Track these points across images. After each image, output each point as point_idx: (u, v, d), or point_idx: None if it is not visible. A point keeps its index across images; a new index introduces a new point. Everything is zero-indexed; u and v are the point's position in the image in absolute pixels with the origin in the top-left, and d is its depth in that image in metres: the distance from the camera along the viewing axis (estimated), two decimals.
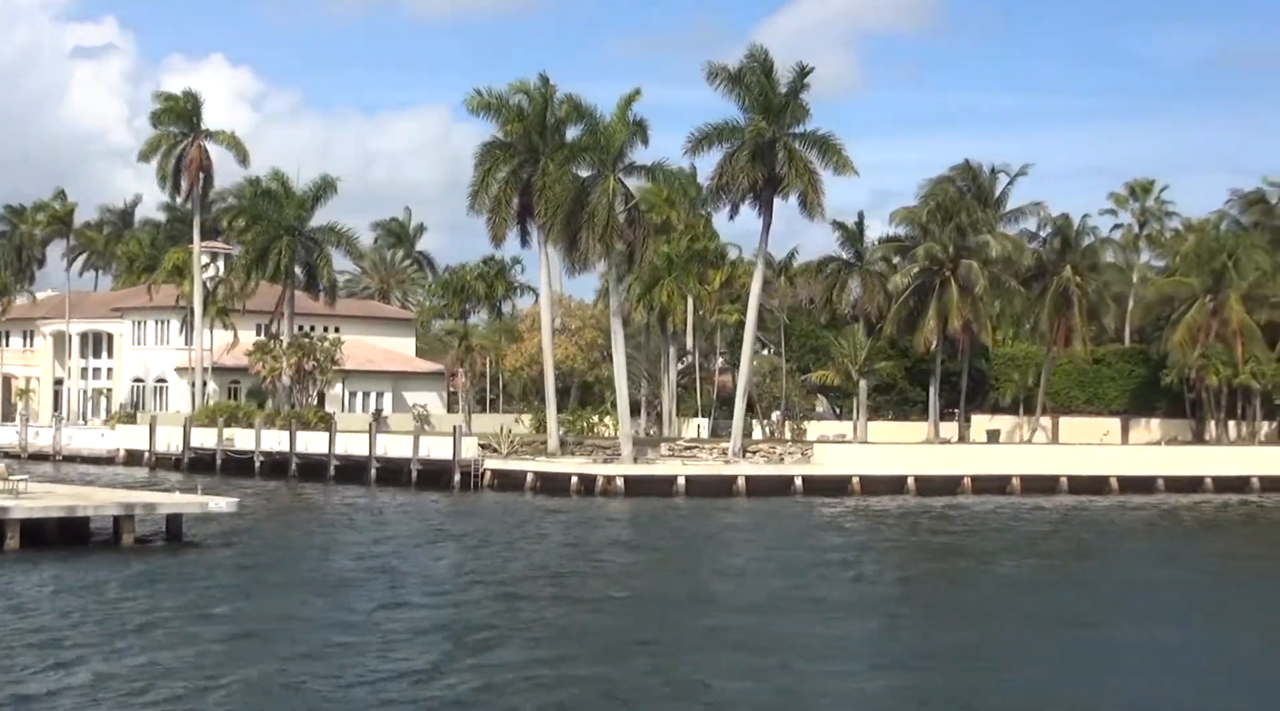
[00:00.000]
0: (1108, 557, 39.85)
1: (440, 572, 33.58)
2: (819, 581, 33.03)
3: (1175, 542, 44.62)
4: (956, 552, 40.48)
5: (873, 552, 39.64)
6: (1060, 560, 38.55)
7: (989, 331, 64.75)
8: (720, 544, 41.80)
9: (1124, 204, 78.63)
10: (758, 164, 56.89)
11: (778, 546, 40.45)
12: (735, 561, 37.21)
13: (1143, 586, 33.50)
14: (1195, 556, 40.46)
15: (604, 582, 31.96)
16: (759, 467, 58.86)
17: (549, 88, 59.19)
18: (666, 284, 75.72)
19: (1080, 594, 31.94)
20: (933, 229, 64.44)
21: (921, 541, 43.34)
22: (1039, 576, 35.20)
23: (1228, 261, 64.91)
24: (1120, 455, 64.29)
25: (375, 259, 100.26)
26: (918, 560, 38.89)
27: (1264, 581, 35.41)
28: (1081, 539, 44.53)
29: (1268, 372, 65.32)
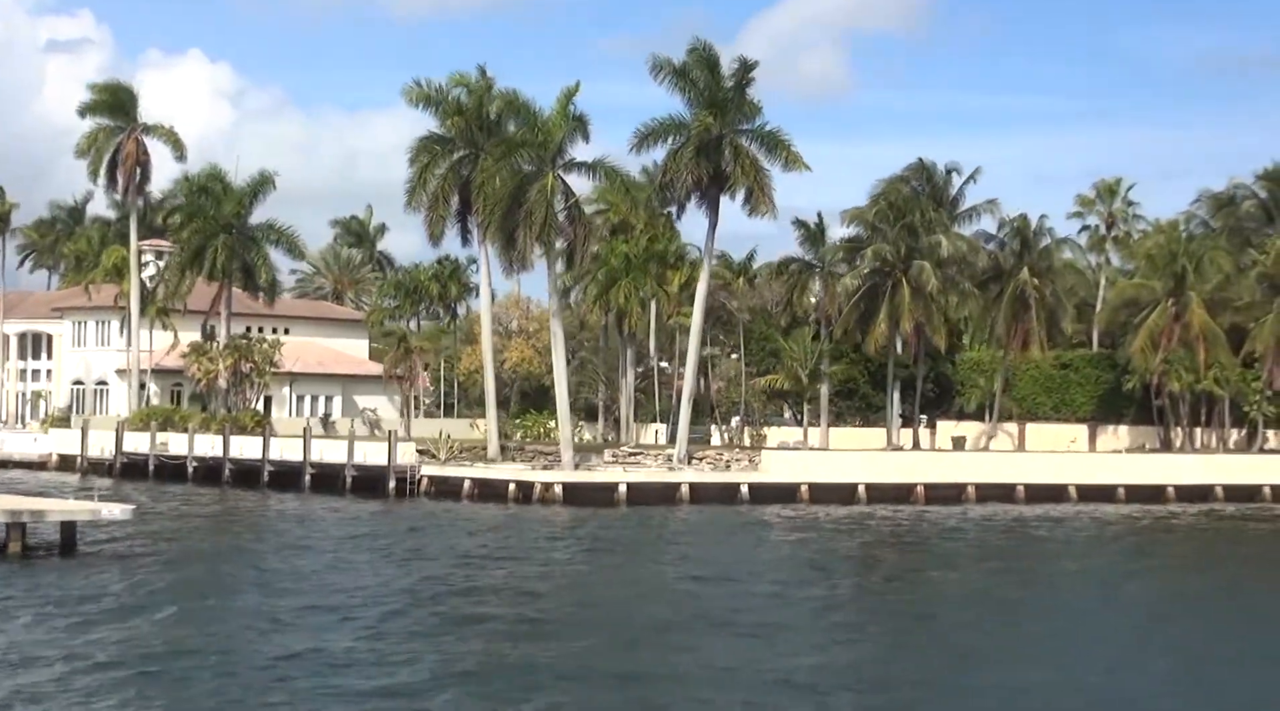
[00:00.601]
0: (1039, 575, 39.08)
1: (325, 586, 32.89)
2: (734, 597, 32.43)
3: (1121, 557, 44.06)
4: (891, 566, 39.89)
5: (801, 565, 39.05)
6: (992, 577, 37.91)
7: (942, 334, 64.17)
8: (647, 555, 41.13)
9: (1090, 205, 78.17)
10: (702, 160, 56.39)
11: (706, 558, 39.82)
12: (652, 574, 36.62)
13: (1064, 612, 32.25)
14: (1136, 576, 39.62)
15: (507, 601, 31.22)
16: (704, 475, 58.33)
17: (488, 80, 58.65)
18: (624, 285, 75.24)
19: (995, 618, 31.18)
20: (884, 229, 63.93)
21: (858, 553, 42.79)
22: (960, 595, 34.51)
23: (1188, 264, 64.41)
24: (1080, 463, 63.84)
25: (330, 258, 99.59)
26: (845, 574, 38.31)
27: (1195, 611, 32.83)
28: (1024, 552, 43.97)
29: (1232, 379, 64.86)
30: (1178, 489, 62.69)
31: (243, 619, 27.71)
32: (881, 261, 63.26)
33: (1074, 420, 76.99)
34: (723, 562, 38.58)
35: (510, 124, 58.97)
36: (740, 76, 57.18)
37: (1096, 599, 34.44)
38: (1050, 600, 34.02)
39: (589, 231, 57.12)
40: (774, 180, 57.63)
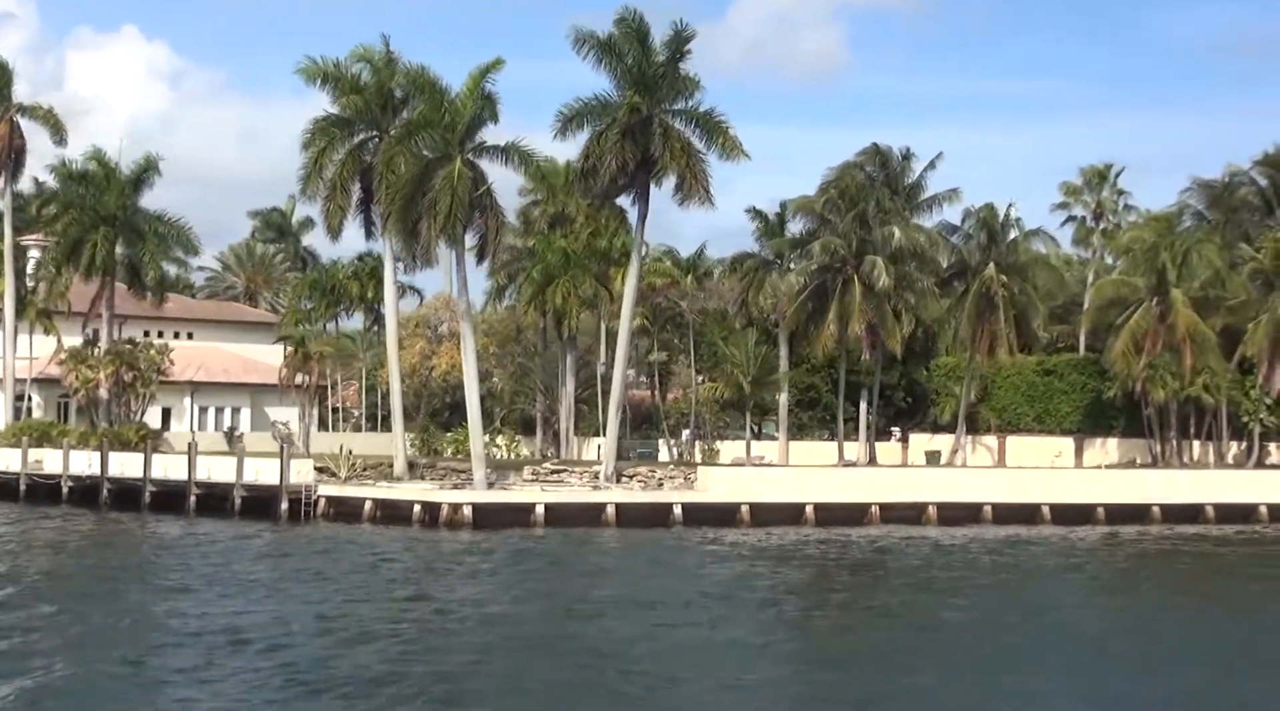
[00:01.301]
0: (986, 614, 36.66)
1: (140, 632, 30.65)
2: (608, 639, 30.38)
3: (1083, 592, 41.74)
4: (815, 600, 37.78)
5: (712, 599, 36.87)
6: (929, 612, 35.76)
7: (897, 337, 62.11)
8: (537, 588, 38.95)
9: (1077, 194, 76.18)
10: (628, 144, 54.35)
11: (598, 592, 37.67)
12: (530, 611, 34.46)
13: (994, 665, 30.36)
14: (1091, 617, 37.35)
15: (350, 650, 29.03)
16: (633, 494, 56.27)
17: (391, 55, 56.55)
18: (562, 284, 73.29)
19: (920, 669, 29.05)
20: (834, 220, 61.85)
21: (786, 585, 40.53)
22: (890, 638, 32.24)
23: (1171, 259, 62.45)
24: (1054, 481, 61.88)
25: (243, 255, 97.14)
26: (761, 611, 36.02)
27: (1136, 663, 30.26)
28: (969, 584, 41.69)
29: (1223, 386, 62.96)
30: (1164, 508, 60.78)
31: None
32: (831, 256, 61.23)
33: (1059, 432, 75.10)
34: (615, 598, 36.40)
35: (421, 104, 56.78)
36: (674, 50, 55.11)
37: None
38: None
39: (501, 223, 54.97)
40: (710, 166, 55.62)
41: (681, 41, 54.92)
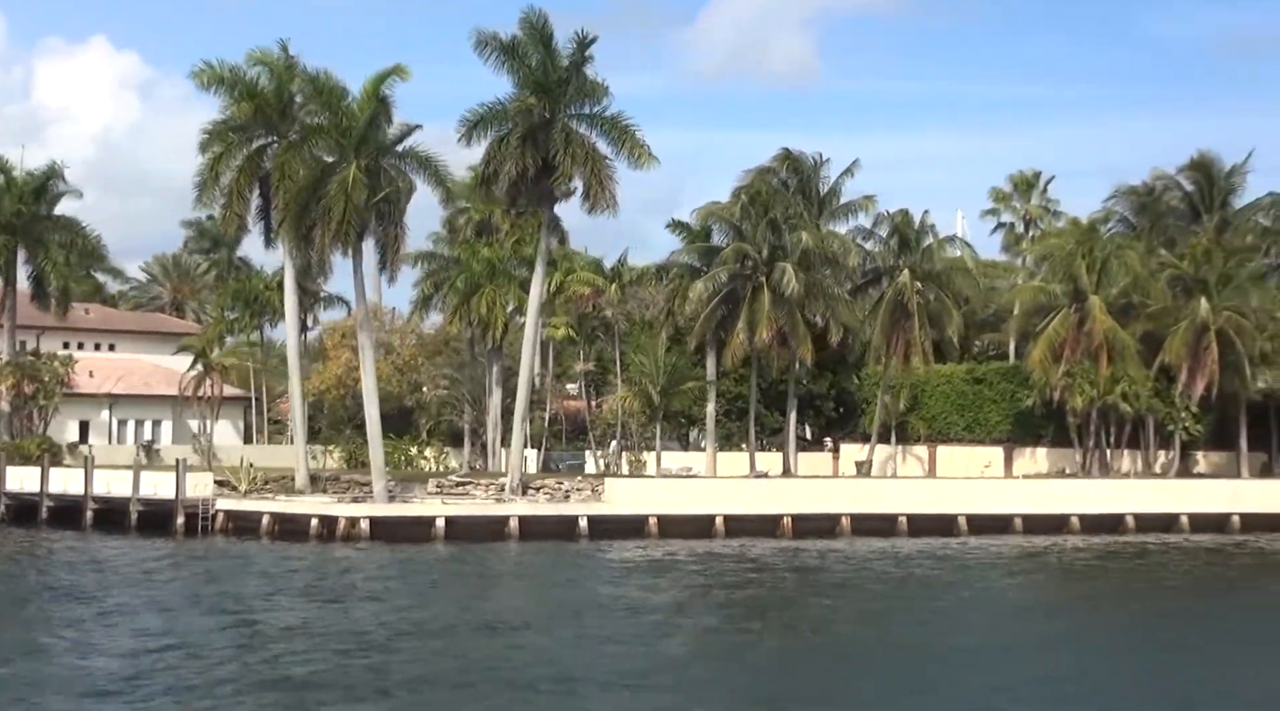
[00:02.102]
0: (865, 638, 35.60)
1: None
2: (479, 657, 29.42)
3: (976, 612, 40.61)
4: (702, 616, 36.67)
5: (598, 614, 35.82)
6: (822, 630, 34.79)
7: (807, 345, 61.15)
8: (417, 603, 37.82)
9: (1006, 201, 75.42)
10: (530, 148, 53.42)
11: (486, 606, 36.61)
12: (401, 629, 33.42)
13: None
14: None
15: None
16: (537, 507, 55.28)
17: (290, 59, 55.52)
18: (486, 293, 72.36)
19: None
20: (745, 227, 60.90)
21: (677, 599, 39.31)
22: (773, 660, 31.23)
23: (1085, 266, 61.64)
24: (971, 491, 61.06)
25: (169, 265, 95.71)
26: (647, 626, 34.93)
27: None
28: (865, 599, 40.69)
29: (1142, 394, 62.19)
30: (1083, 519, 60.05)
31: None
32: (741, 262, 60.31)
33: (989, 441, 74.30)
34: (502, 613, 35.46)
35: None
36: (577, 54, 54.23)
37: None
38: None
39: (402, 230, 53.99)
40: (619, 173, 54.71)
41: (584, 45, 54.06)
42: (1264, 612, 39.96)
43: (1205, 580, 47.34)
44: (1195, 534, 60.07)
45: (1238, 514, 61.64)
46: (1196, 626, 36.34)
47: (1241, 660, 31.08)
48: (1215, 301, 61.99)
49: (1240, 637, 34.60)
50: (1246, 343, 61.27)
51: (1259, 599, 43.14)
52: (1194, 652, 32.18)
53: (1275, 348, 62.60)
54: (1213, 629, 36.19)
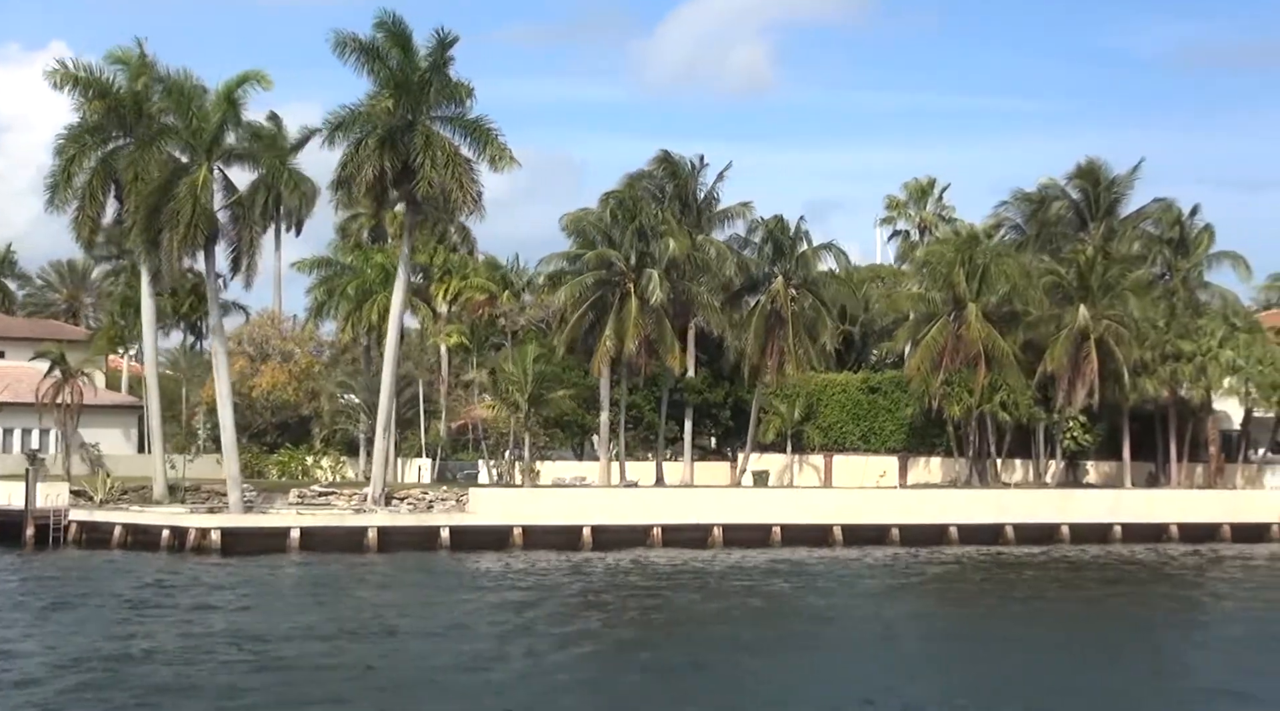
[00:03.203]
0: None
1: None
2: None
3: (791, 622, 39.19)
4: (534, 631, 35.06)
5: (381, 636, 34.39)
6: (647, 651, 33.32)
7: (675, 353, 59.86)
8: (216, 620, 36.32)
9: (901, 209, 74.39)
10: (388, 151, 52.04)
11: (268, 627, 35.06)
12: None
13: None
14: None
15: None
16: (397, 518, 53.78)
17: (145, 59, 53.97)
18: (379, 299, 70.94)
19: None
20: (614, 234, 59.58)
21: (520, 616, 37.70)
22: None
23: (963, 274, 60.56)
24: (848, 501, 59.92)
25: (64, 271, 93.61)
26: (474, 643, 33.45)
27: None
28: (710, 616, 39.07)
29: (1021, 403, 61.17)
30: (962, 529, 58.97)
31: None
32: (608, 269, 59.04)
33: (884, 451, 73.27)
34: (280, 631, 33.85)
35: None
36: (437, 55, 52.90)
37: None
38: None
39: (256, 234, 52.44)
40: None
41: (444, 46, 52.77)
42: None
43: (1049, 592, 46.00)
44: (1076, 545, 59.24)
45: (1119, 524, 60.80)
46: (1014, 642, 35.14)
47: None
48: (1095, 310, 61.07)
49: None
50: (1125, 351, 60.36)
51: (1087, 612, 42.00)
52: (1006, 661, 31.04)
53: (1156, 357, 61.71)
54: (1029, 644, 34.97)
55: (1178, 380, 61.62)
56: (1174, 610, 41.73)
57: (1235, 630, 37.45)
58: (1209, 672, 30.98)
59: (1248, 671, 30.53)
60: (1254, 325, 64.68)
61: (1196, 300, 64.91)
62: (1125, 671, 30.73)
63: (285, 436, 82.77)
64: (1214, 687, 28.88)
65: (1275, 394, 62.04)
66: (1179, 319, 62.69)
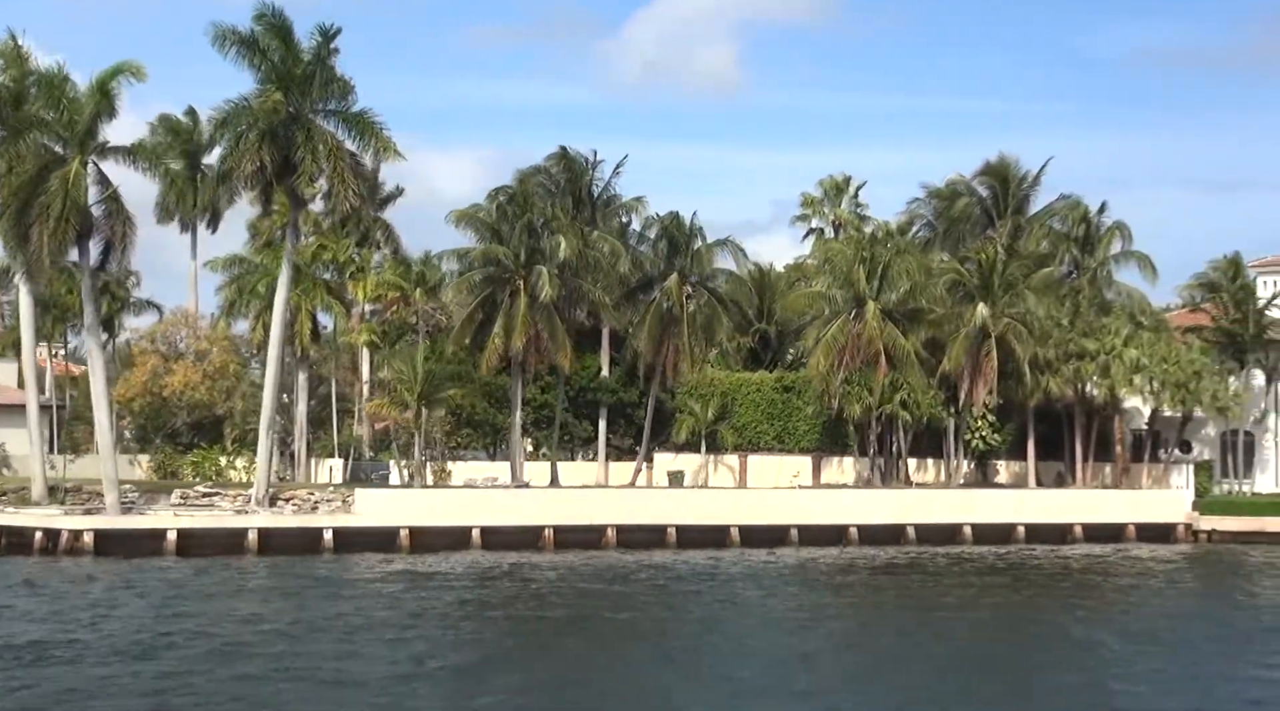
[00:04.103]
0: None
1: None
2: None
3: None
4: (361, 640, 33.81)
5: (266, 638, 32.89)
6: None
7: (566, 351, 58.58)
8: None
9: (816, 206, 73.29)
10: (270, 146, 50.68)
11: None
12: None
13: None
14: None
15: None
16: (279, 519, 52.41)
17: (21, 51, 52.49)
18: (291, 298, 69.51)
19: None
20: (503, 230, 58.29)
21: (375, 622, 36.30)
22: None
23: (861, 271, 59.50)
24: (745, 502, 58.87)
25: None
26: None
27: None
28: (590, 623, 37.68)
29: (923, 402, 60.13)
30: (862, 530, 58.03)
31: None
32: (497, 266, 57.76)
33: (798, 451, 72.19)
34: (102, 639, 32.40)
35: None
36: (321, 48, 51.59)
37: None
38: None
39: (130, 229, 50.93)
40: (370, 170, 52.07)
41: (327, 39, 51.45)
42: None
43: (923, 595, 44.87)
44: (979, 546, 58.31)
45: (1022, 525, 59.94)
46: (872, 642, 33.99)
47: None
48: (996, 308, 60.12)
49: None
50: (1024, 349, 59.44)
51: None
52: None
53: (1060, 355, 60.79)
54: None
55: (1081, 379, 60.72)
56: (1029, 611, 40.58)
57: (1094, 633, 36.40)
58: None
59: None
60: (1160, 324, 63.89)
61: (1103, 298, 63.96)
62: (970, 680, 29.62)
63: (201, 436, 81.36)
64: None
65: (1180, 393, 61.23)
66: (1083, 317, 61.79)
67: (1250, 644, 34.11)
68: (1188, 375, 60.92)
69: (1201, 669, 30.06)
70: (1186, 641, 34.21)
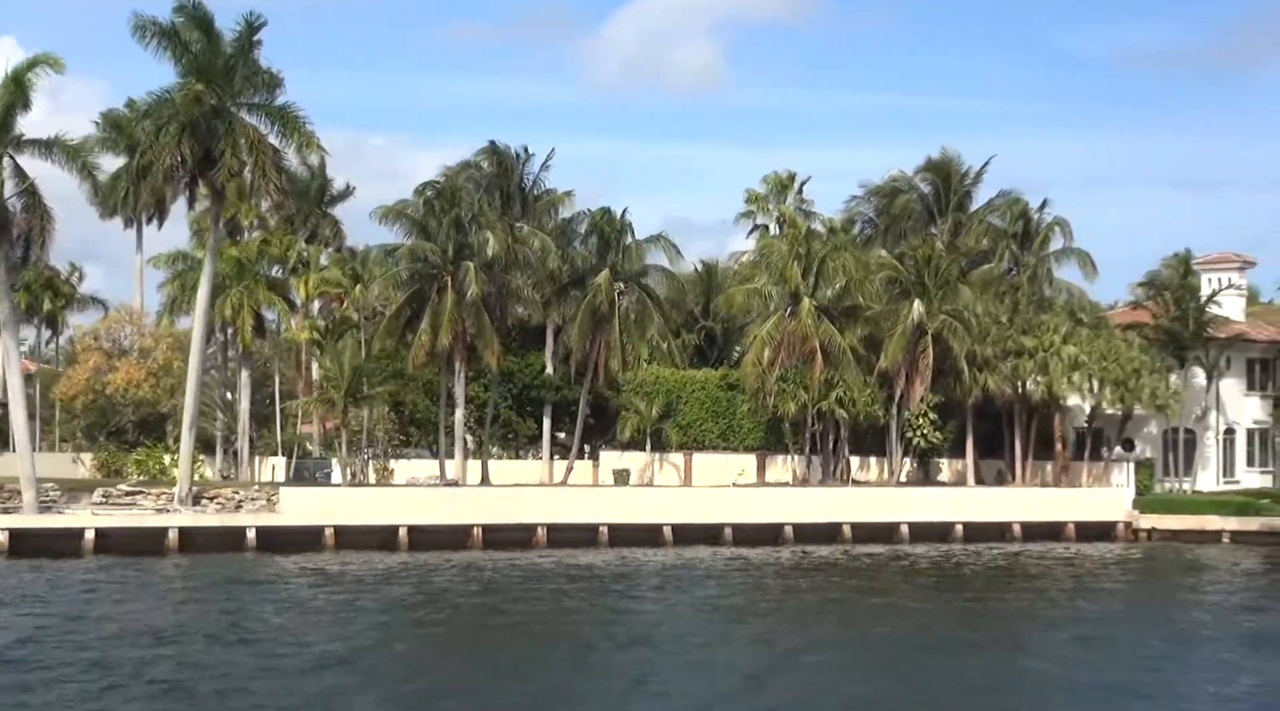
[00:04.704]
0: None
1: None
2: None
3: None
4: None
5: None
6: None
7: (494, 349, 57.62)
8: None
9: (761, 203, 72.45)
10: (190, 139, 49.71)
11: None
12: None
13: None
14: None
15: None
16: (202, 518, 51.42)
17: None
18: (232, 295, 68.65)
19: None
20: (431, 226, 57.32)
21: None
22: None
23: (796, 268, 58.65)
24: (679, 500, 58.04)
25: None
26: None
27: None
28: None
29: (859, 400, 59.35)
30: (798, 528, 57.25)
31: None
32: (424, 263, 56.81)
33: (743, 449, 71.39)
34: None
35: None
36: (244, 40, 50.63)
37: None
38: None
39: (48, 222, 49.88)
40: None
41: (251, 31, 50.48)
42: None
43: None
44: (916, 544, 57.57)
45: (960, 523, 59.22)
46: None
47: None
48: (932, 305, 59.36)
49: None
50: (960, 346, 58.69)
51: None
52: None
53: (998, 352, 60.05)
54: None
55: (1019, 376, 59.97)
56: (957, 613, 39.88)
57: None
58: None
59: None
60: (1100, 321, 63.20)
61: (1043, 295, 63.23)
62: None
63: (147, 434, 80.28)
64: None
65: (1119, 390, 60.55)
66: (1022, 314, 61.07)
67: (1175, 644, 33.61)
68: (1127, 373, 60.25)
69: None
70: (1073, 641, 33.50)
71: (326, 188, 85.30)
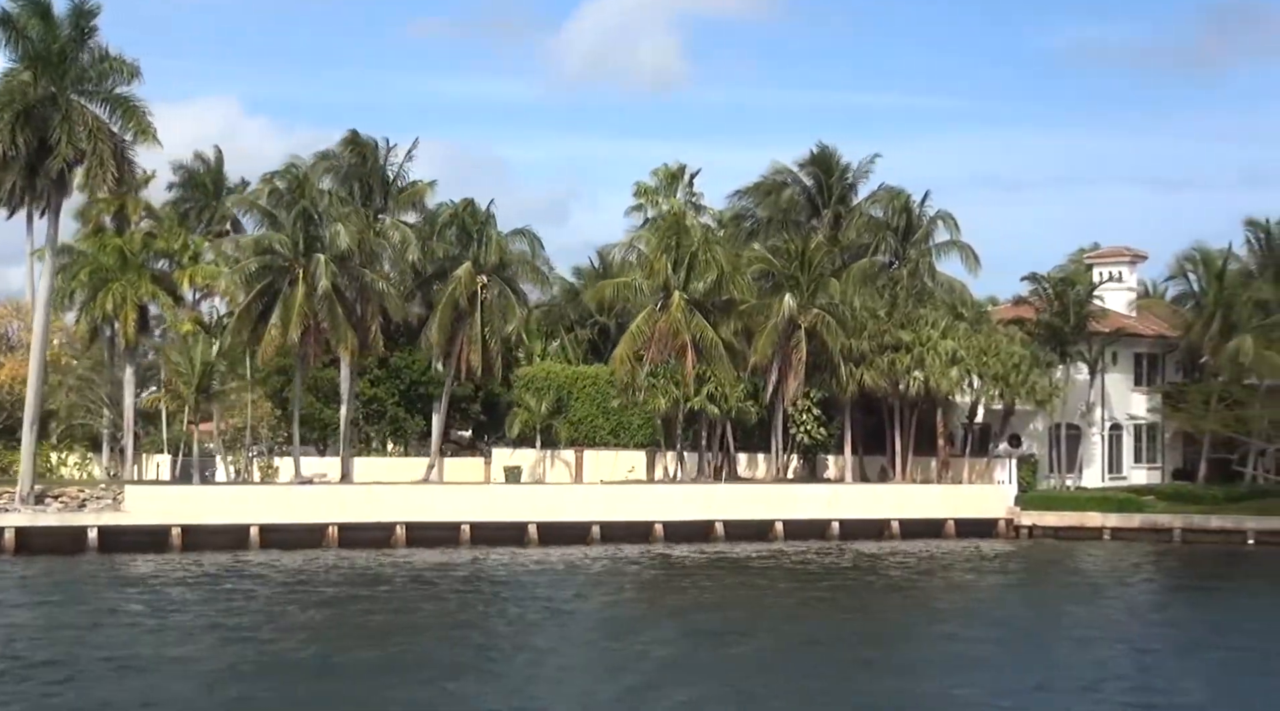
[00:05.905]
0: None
1: None
2: None
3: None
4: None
5: None
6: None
7: (348, 342, 55.63)
8: None
9: (651, 196, 70.71)
10: (24, 127, 47.70)
11: None
12: None
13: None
14: None
15: None
16: (40, 518, 49.40)
17: None
18: (115, 288, 66.57)
19: None
20: (280, 216, 55.38)
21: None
22: None
23: (665, 261, 56.86)
24: (545, 498, 56.31)
25: None
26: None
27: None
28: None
29: (731, 396, 57.69)
30: (668, 527, 55.64)
31: None
32: (273, 255, 54.84)
33: (633, 446, 69.73)
34: None
35: None
36: (80, 26, 48.68)
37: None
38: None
39: None
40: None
41: (85, 17, 48.52)
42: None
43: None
44: (790, 542, 56.00)
45: (837, 520, 57.69)
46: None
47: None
48: (804, 299, 57.73)
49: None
50: (833, 340, 57.11)
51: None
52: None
53: (875, 347, 58.49)
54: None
55: (896, 371, 58.42)
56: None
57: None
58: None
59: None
60: (981, 316, 61.74)
61: (923, 290, 61.69)
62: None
63: (41, 433, 77.90)
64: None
65: (999, 385, 59.10)
66: (900, 308, 59.52)
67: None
68: (1007, 368, 58.79)
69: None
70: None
71: (222, 181, 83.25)
